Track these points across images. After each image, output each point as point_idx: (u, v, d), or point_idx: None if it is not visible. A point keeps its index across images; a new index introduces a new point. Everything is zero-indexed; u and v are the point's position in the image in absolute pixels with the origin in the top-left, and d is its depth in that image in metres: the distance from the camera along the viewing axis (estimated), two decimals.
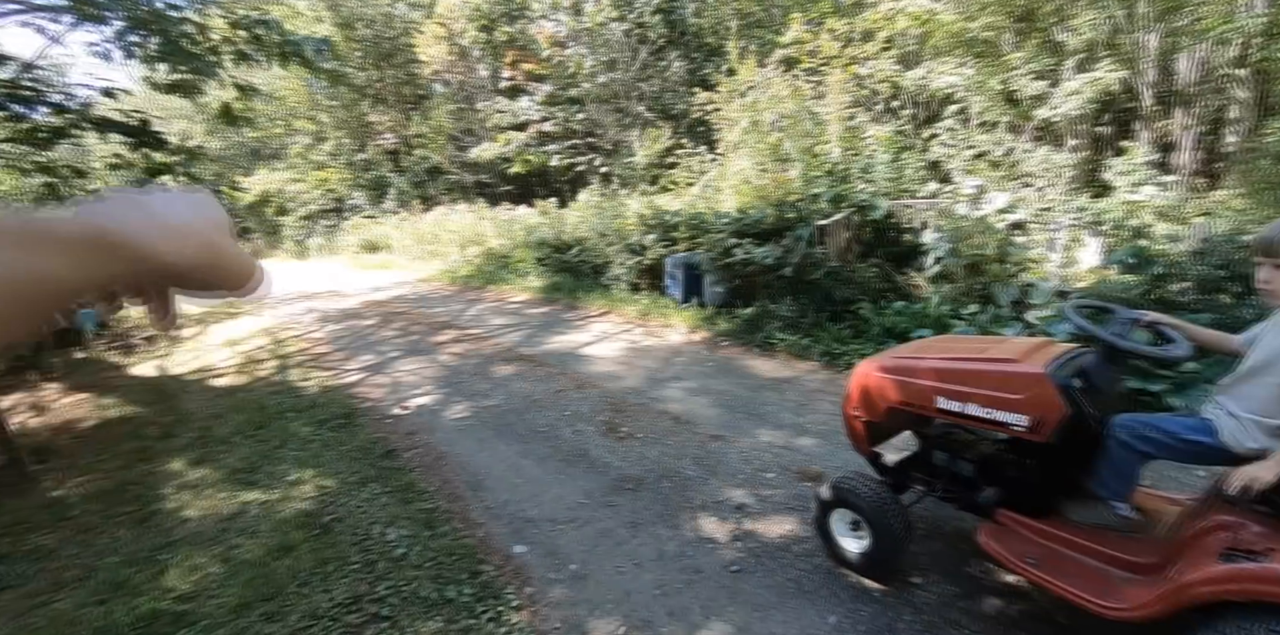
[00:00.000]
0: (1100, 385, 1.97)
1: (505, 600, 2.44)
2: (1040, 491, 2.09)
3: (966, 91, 9.53)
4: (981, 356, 2.14)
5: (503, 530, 2.99)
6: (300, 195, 23.24)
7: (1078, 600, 1.78)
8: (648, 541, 2.82)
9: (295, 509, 3.27)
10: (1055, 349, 2.11)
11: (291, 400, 5.15)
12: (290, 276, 16.09)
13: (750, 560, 2.63)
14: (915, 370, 2.24)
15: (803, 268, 6.48)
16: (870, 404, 2.39)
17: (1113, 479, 1.94)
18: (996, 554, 2.01)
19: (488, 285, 11.01)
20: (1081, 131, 9.57)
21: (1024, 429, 1.95)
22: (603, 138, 16.52)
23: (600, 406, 4.60)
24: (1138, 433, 1.86)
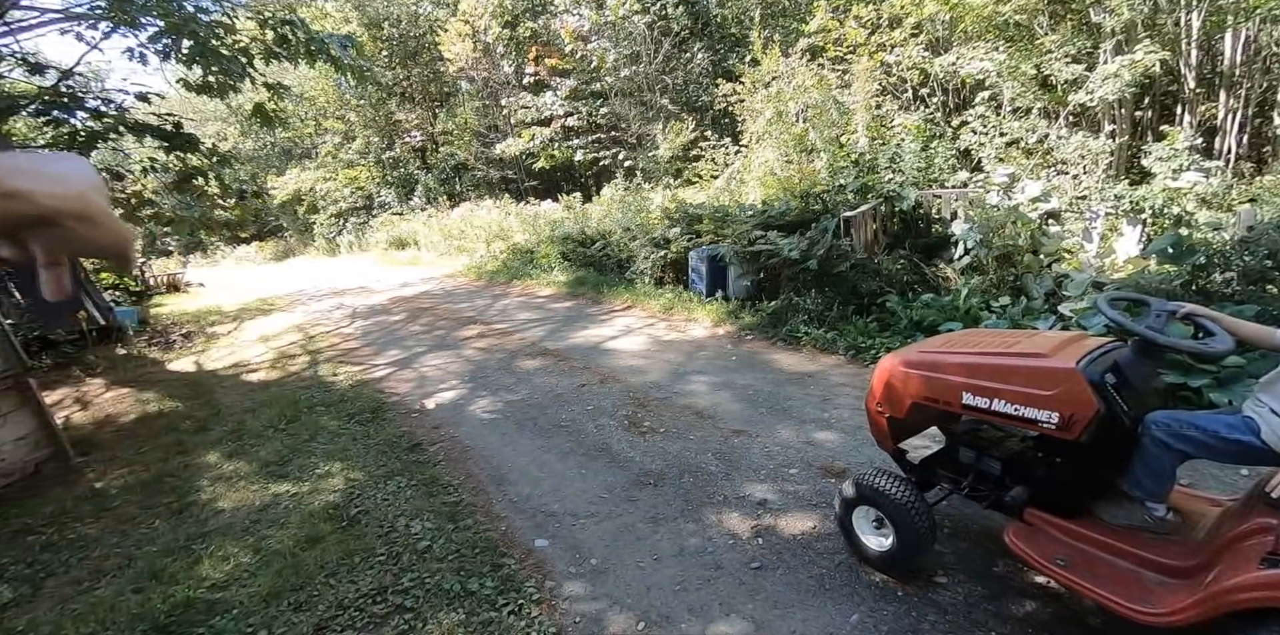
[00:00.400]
0: (1135, 381, 1.89)
1: (526, 594, 2.46)
2: (1071, 491, 2.02)
3: (998, 77, 9.27)
4: (1010, 351, 2.07)
5: (525, 524, 3.02)
6: (331, 193, 23.69)
7: (1109, 604, 1.72)
8: (668, 537, 2.82)
9: (324, 501, 3.34)
10: (1088, 343, 2.04)
11: (321, 395, 5.26)
12: (321, 273, 16.42)
13: (772, 557, 2.61)
14: (940, 365, 2.18)
15: (828, 260, 6.39)
16: (894, 399, 2.33)
17: (1148, 479, 1.87)
18: (1024, 555, 1.96)
19: (513, 280, 11.09)
20: (1120, 116, 9.26)
21: (1054, 426, 1.88)
22: (627, 131, 16.48)
23: (623, 401, 4.61)
24: (1174, 431, 1.79)
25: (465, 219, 16.07)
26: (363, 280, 13.78)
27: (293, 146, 27.33)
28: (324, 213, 24.29)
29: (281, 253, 26.61)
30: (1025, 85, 9.18)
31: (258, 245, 27.74)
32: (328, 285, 13.56)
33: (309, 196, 24.59)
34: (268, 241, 28.12)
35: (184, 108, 25.87)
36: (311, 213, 25.16)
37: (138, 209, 6.71)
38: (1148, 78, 8.51)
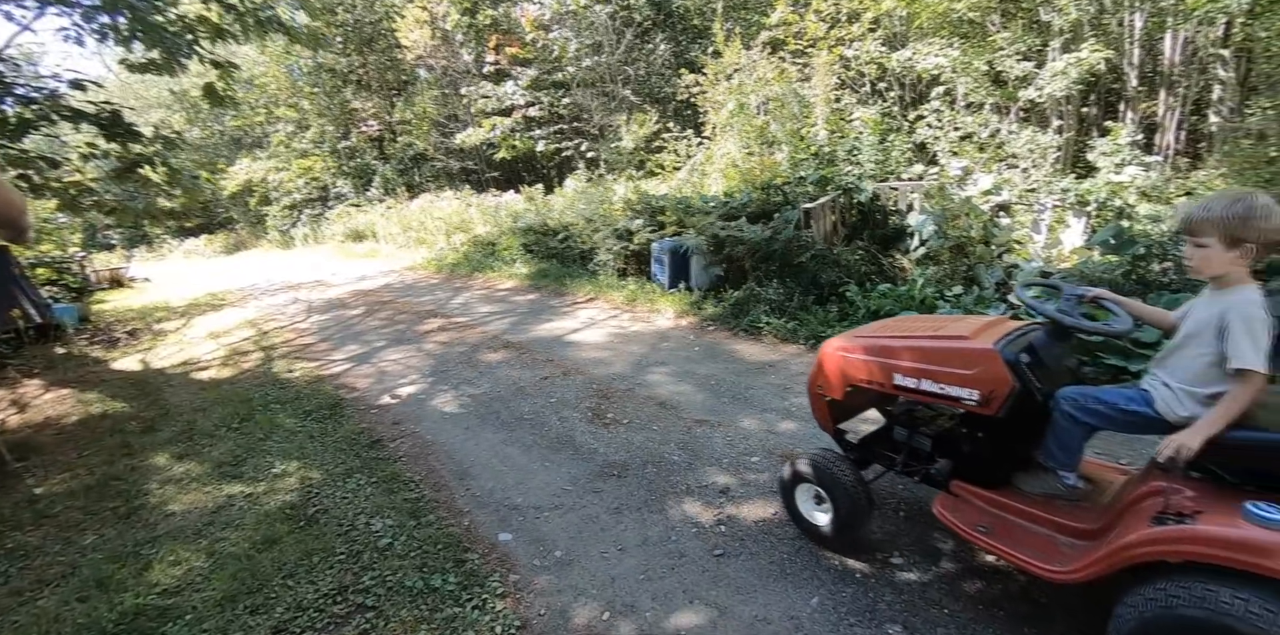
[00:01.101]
0: (1047, 360, 2.02)
1: (490, 588, 2.45)
2: (992, 463, 2.17)
3: (953, 73, 9.48)
4: (936, 334, 2.21)
5: (488, 518, 3.00)
6: (284, 184, 22.94)
7: (1026, 565, 1.84)
8: (632, 527, 2.84)
9: (280, 501, 3.26)
10: (1007, 326, 2.19)
11: (276, 392, 5.12)
12: (275, 267, 15.95)
13: (734, 543, 2.65)
14: (874, 348, 2.32)
15: (789, 251, 6.48)
16: (833, 382, 2.47)
17: (1059, 450, 2.00)
18: (951, 524, 2.09)
19: (474, 273, 10.95)
20: (1067, 112, 9.58)
21: (975, 403, 2.02)
22: (589, 122, 16.36)
23: (586, 393, 4.60)
24: (1082, 405, 1.91)
25: (425, 210, 15.77)
26: (319, 274, 13.43)
27: (242, 135, 26.37)
28: (277, 204, 23.53)
29: (232, 246, 25.73)
30: (978, 81, 9.41)
31: (206, 238, 26.76)
32: (282, 279, 13.17)
33: (261, 187, 23.78)
34: (217, 234, 27.15)
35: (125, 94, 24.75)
36: (264, 204, 24.35)
37: (77, 198, 6.39)
38: (1093, 76, 8.81)
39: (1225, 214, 1.66)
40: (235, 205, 25.90)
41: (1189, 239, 1.77)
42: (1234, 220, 1.65)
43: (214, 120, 26.13)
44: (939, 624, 2.11)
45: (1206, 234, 1.70)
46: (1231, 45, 8.46)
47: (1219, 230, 1.68)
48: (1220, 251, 1.69)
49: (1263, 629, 1.36)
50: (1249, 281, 1.73)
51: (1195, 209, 1.73)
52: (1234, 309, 1.67)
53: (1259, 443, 1.59)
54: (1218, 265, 1.72)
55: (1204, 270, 1.75)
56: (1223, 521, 1.48)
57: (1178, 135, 9.29)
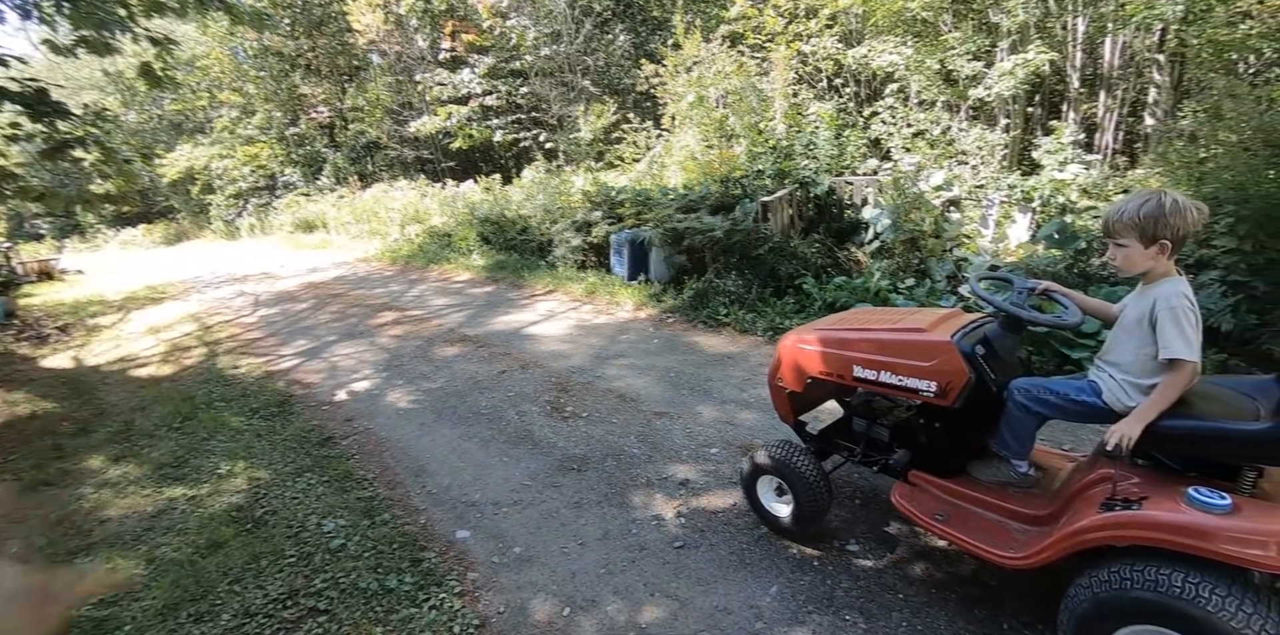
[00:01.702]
0: (1001, 352, 2.09)
1: (448, 587, 2.40)
2: (948, 453, 2.23)
3: (906, 70, 9.67)
4: (895, 327, 2.25)
5: (445, 516, 2.94)
6: (229, 172, 21.98)
7: (980, 552, 1.90)
8: (592, 521, 2.82)
9: (226, 503, 3.14)
10: (962, 319, 2.24)
11: (221, 389, 4.92)
12: (220, 258, 15.33)
13: (694, 535, 2.66)
14: (834, 341, 2.36)
15: (748, 243, 6.53)
16: (793, 374, 2.50)
17: (1012, 439, 2.06)
18: (909, 512, 2.14)
19: (430, 265, 10.72)
20: (1014, 111, 9.87)
21: (933, 394, 2.07)
22: (547, 112, 16.15)
23: (545, 386, 4.56)
24: (1034, 395, 1.98)
25: (378, 200, 15.35)
26: (266, 265, 12.96)
27: (183, 120, 25.12)
28: (221, 193, 22.56)
29: (173, 236, 24.59)
30: (930, 79, 9.62)
31: (145, 228, 25.49)
32: (227, 271, 12.67)
33: (203, 175, 22.75)
34: (157, 224, 25.88)
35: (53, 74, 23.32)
36: (207, 193, 23.31)
37: None
38: (1038, 77, 9.09)
39: (1138, 214, 1.73)
40: (176, 193, 24.73)
41: (1110, 241, 1.84)
42: (1147, 219, 1.72)
43: (152, 104, 24.82)
44: (894, 608, 2.16)
45: (1124, 235, 1.78)
46: (1166, 51, 8.84)
47: (1134, 230, 1.75)
48: (1139, 250, 1.77)
49: (1210, 611, 1.42)
50: (1174, 275, 1.80)
51: (1110, 212, 1.82)
52: (1161, 301, 1.74)
53: (1197, 430, 1.65)
54: (1139, 263, 1.79)
55: (1128, 269, 1.83)
56: (1167, 507, 1.53)
57: (1116, 135, 9.68)
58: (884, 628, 2.08)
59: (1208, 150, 5.31)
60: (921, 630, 2.06)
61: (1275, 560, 1.38)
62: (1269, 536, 1.39)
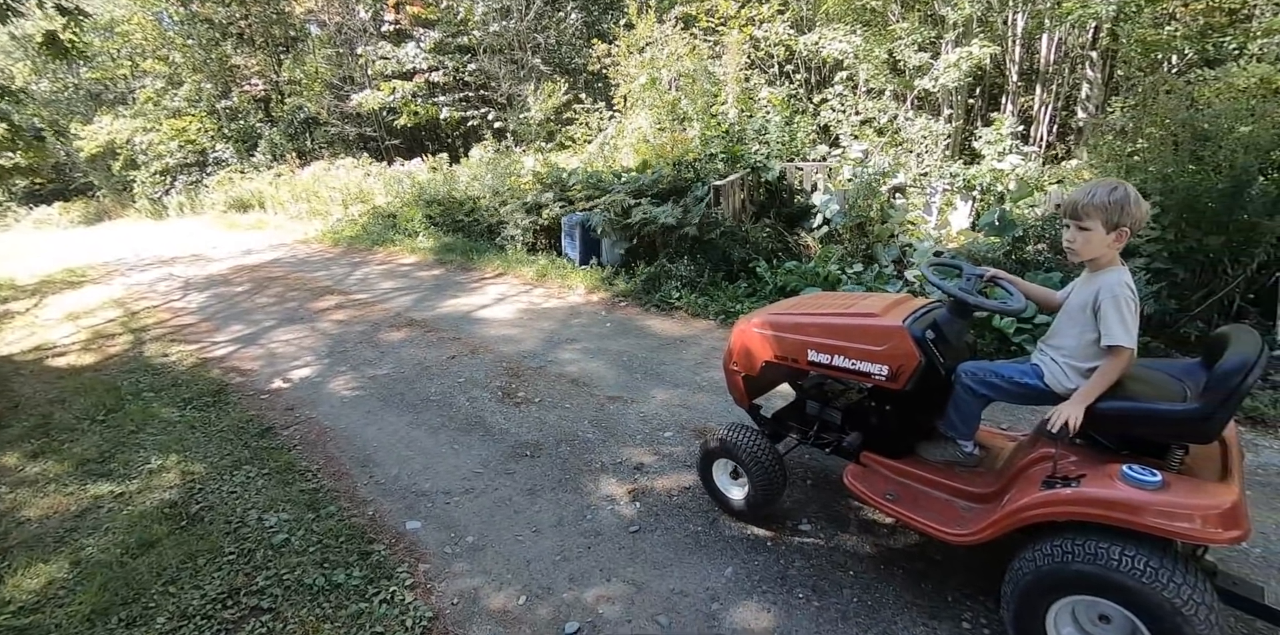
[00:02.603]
0: (950, 336, 2.16)
1: (399, 580, 2.35)
2: (898, 434, 2.29)
3: (855, 59, 9.79)
4: (847, 312, 2.29)
5: (394, 506, 2.87)
6: (154, 146, 20.60)
7: (928, 529, 1.97)
8: (547, 507, 2.80)
9: (157, 500, 2.98)
10: (913, 304, 2.30)
11: (150, 379, 4.66)
12: (146, 239, 14.47)
13: (649, 519, 2.68)
14: (788, 326, 2.39)
15: (701, 228, 6.54)
16: (748, 359, 2.54)
17: (959, 420, 2.13)
18: (860, 492, 2.20)
19: (374, 246, 10.37)
20: (956, 102, 10.14)
21: (884, 378, 2.12)
22: (496, 91, 15.73)
23: (496, 371, 4.49)
24: (980, 378, 2.05)
25: (319, 179, 14.70)
26: (197, 247, 12.30)
27: (103, 90, 23.41)
28: (146, 169, 21.16)
29: (93, 215, 23.02)
30: (878, 69, 9.78)
31: (61, 206, 23.78)
32: (154, 253, 11.97)
33: (126, 149, 21.31)
34: (75, 202, 24.19)
35: None
36: (130, 169, 21.86)
37: None
38: (980, 69, 9.36)
39: (1108, 200, 1.78)
40: (95, 169, 23.11)
41: (1073, 223, 1.86)
42: (1114, 206, 1.77)
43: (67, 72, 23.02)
44: (844, 585, 2.22)
45: (1091, 218, 1.81)
46: (1099, 48, 9.21)
47: (1102, 215, 1.79)
48: (1101, 235, 1.81)
49: (1144, 582, 1.50)
50: (1119, 264, 1.87)
51: (1080, 195, 1.84)
52: (1105, 289, 1.80)
53: (1131, 411, 1.74)
54: (1097, 248, 1.84)
55: (1085, 253, 1.86)
56: (1103, 484, 1.61)
57: (1050, 128, 10.07)
58: (835, 604, 2.14)
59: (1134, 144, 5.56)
60: (871, 605, 2.12)
61: (1201, 532, 1.48)
62: (1195, 510, 1.49)
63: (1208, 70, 6.82)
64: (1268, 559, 2.24)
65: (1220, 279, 4.29)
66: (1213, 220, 4.17)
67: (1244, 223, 4.06)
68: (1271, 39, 7.66)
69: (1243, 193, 4.06)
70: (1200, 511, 1.49)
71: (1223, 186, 4.07)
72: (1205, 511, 1.48)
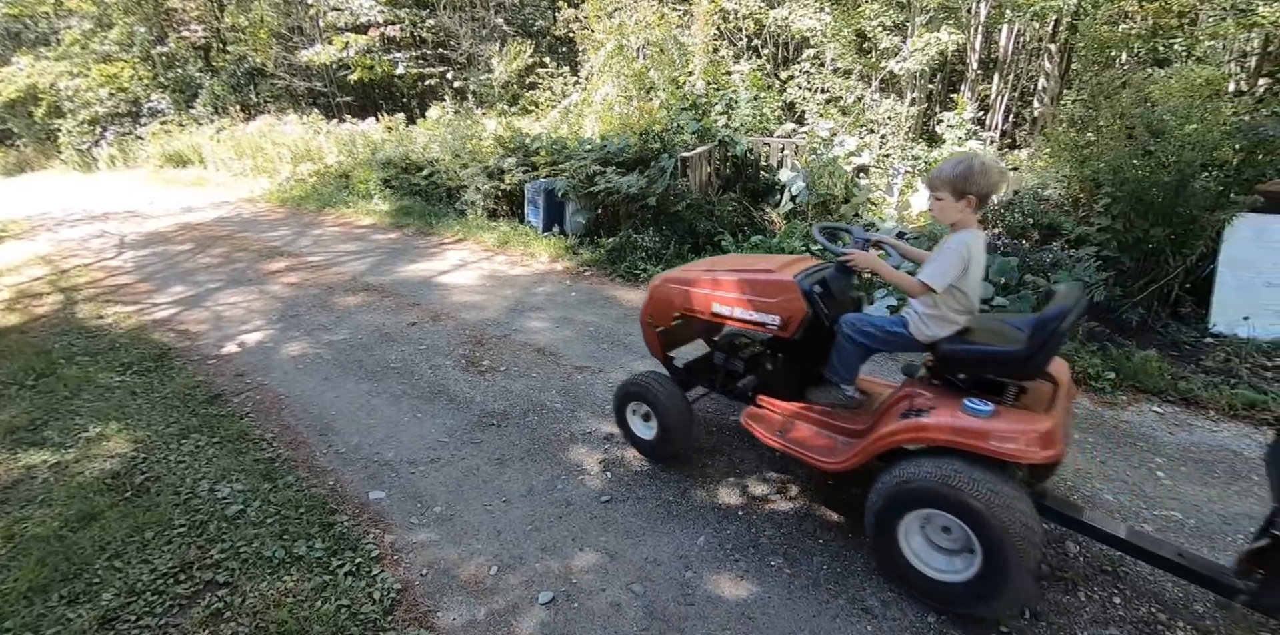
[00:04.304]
0: (835, 291, 2.42)
1: (364, 551, 2.28)
2: (788, 379, 2.56)
3: (823, 37, 9.73)
4: (749, 268, 2.56)
5: (356, 476, 2.78)
6: (82, 93, 19.05)
7: (808, 459, 2.25)
8: (516, 477, 2.76)
9: (98, 470, 2.81)
10: (807, 263, 2.57)
11: (84, 342, 4.37)
12: (74, 193, 13.51)
13: (620, 489, 2.67)
14: (696, 281, 2.64)
15: (666, 199, 6.46)
16: (661, 312, 2.77)
17: (841, 366, 2.37)
18: (753, 430, 2.45)
19: (325, 208, 9.92)
20: (919, 86, 10.24)
21: (776, 327, 2.39)
22: (456, 49, 15.10)
23: (459, 339, 4.38)
24: (858, 328, 2.28)
25: (265, 135, 13.90)
26: (132, 203, 11.56)
27: (21, 29, 21.46)
28: (72, 117, 19.60)
29: (13, 166, 21.34)
30: (845, 48, 9.76)
31: None
32: (83, 208, 11.20)
33: (49, 95, 19.68)
34: None
35: None
36: (54, 117, 20.21)
37: None
38: (942, 56, 9.43)
39: (952, 173, 2.01)
40: (15, 116, 21.33)
41: (931, 194, 2.10)
42: (958, 178, 2.00)
43: None
44: (814, 553, 2.27)
45: (941, 189, 2.05)
46: (1058, 42, 9.39)
47: (948, 186, 2.02)
48: (951, 202, 2.04)
49: (973, 496, 1.76)
50: (973, 227, 2.08)
51: (934, 171, 2.09)
52: (945, 243, 2.06)
53: (974, 353, 2.04)
54: (951, 214, 2.07)
55: (942, 219, 2.12)
56: (946, 413, 1.89)
57: (1005, 117, 10.29)
58: (806, 571, 2.18)
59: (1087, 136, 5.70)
60: (840, 572, 2.17)
61: (1020, 452, 1.74)
62: (1017, 434, 1.77)
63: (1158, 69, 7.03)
64: (1200, 529, 2.38)
65: (1162, 269, 4.48)
66: (1158, 212, 4.33)
67: (1186, 216, 4.25)
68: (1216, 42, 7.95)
69: (1186, 187, 4.22)
70: (1021, 435, 1.76)
71: (1168, 181, 4.22)
72: (1025, 435, 1.76)
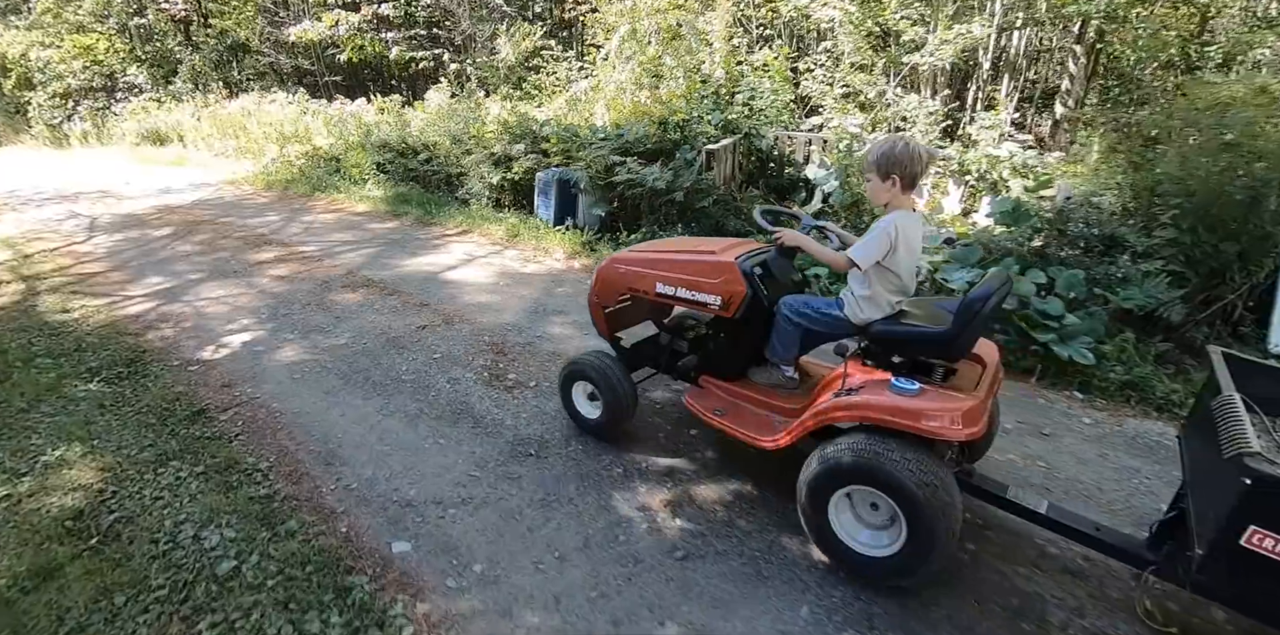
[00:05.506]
0: (776, 274, 2.51)
1: (393, 625, 1.82)
2: (730, 359, 2.60)
3: (840, 26, 9.29)
4: (692, 250, 2.59)
5: (374, 521, 2.31)
6: (54, 65, 18.07)
7: (745, 437, 2.28)
8: (567, 524, 2.31)
9: (58, 507, 2.31)
10: (750, 245, 2.61)
11: (46, 341, 3.82)
12: (43, 171, 12.71)
13: (695, 541, 2.23)
14: (642, 262, 2.67)
15: (691, 194, 6.02)
16: (607, 292, 2.79)
17: (780, 347, 2.42)
18: (695, 409, 2.49)
19: (316, 193, 9.32)
20: (939, 83, 9.86)
21: (718, 307, 2.42)
22: (453, 31, 14.46)
23: (477, 347, 3.91)
24: (796, 309, 2.32)
25: (250, 113, 13.21)
26: (106, 182, 10.83)
27: None
28: (43, 90, 18.60)
29: None
30: (865, 41, 9.34)
31: None
32: (53, 186, 10.47)
33: (18, 65, 18.66)
34: None
35: None
36: (24, 89, 19.19)
37: None
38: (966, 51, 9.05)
39: (875, 155, 2.10)
40: None
41: (863, 175, 2.20)
42: (881, 159, 2.08)
43: None
44: (940, 626, 1.86)
45: (869, 171, 2.14)
46: (1084, 43, 9.05)
47: (874, 168, 2.10)
48: (878, 183, 2.12)
49: (896, 473, 1.79)
50: (905, 207, 2.13)
51: (869, 150, 2.16)
52: (876, 222, 2.11)
53: (898, 333, 2.12)
54: (880, 195, 2.14)
55: (873, 199, 2.21)
56: (874, 392, 1.94)
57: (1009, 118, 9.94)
58: None
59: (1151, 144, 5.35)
60: None
61: (943, 429, 1.78)
62: (940, 412, 1.81)
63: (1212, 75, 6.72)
64: None
65: (1228, 285, 4.22)
66: (1228, 227, 4.09)
67: (1259, 232, 4.02)
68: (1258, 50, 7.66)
69: (1261, 203, 3.99)
70: (944, 414, 1.80)
71: (1240, 197, 3.99)
72: (948, 414, 1.80)
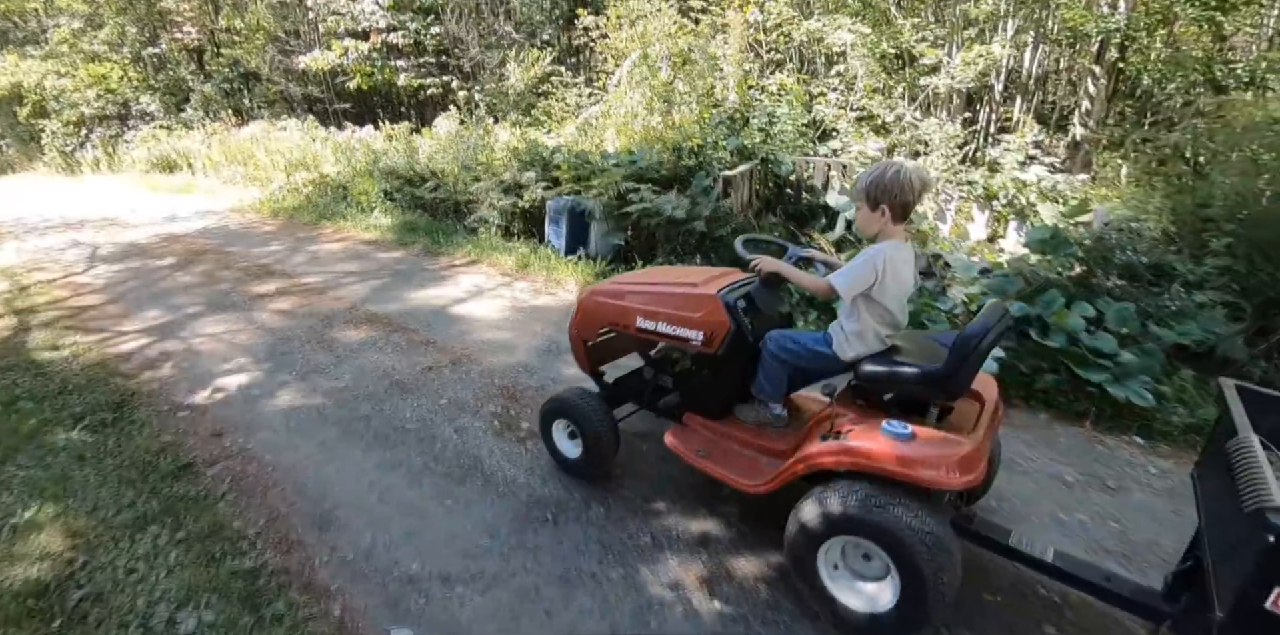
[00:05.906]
0: (761, 306, 2.38)
1: None
2: (715, 396, 2.47)
3: (853, 49, 9.20)
4: (673, 282, 2.49)
5: (371, 601, 2.04)
6: (69, 94, 18.27)
7: (727, 480, 2.16)
8: (593, 607, 2.03)
9: (22, 580, 2.05)
10: (733, 277, 2.48)
11: (30, 381, 3.60)
12: (52, 197, 12.70)
13: (738, 627, 1.95)
14: (622, 294, 2.57)
15: (710, 223, 5.82)
16: (589, 325, 2.69)
17: (767, 383, 2.29)
18: (676, 449, 2.35)
19: (322, 221, 9.19)
20: (955, 107, 9.72)
21: (700, 343, 2.30)
22: (461, 57, 14.51)
23: (487, 391, 3.65)
24: (782, 345, 2.21)
25: (259, 141, 13.22)
26: (113, 209, 10.75)
27: (10, 27, 20.70)
28: (58, 118, 18.77)
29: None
30: (879, 64, 9.24)
31: None
32: (59, 214, 10.39)
33: (34, 95, 18.88)
34: None
35: None
36: (39, 117, 19.38)
37: None
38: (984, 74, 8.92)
39: (864, 183, 2.01)
40: None
41: (857, 205, 2.07)
42: (870, 187, 1.98)
43: None
44: None
45: (858, 200, 2.05)
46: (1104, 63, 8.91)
47: (863, 196, 2.02)
48: (867, 212, 2.02)
49: (890, 524, 1.66)
50: (893, 237, 2.01)
51: (858, 178, 2.06)
52: (864, 251, 2.00)
53: (889, 372, 1.95)
54: (870, 224, 2.04)
55: (863, 230, 2.10)
56: (864, 436, 1.80)
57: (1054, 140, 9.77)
58: None
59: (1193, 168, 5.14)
60: None
61: (938, 478, 1.64)
62: (935, 459, 1.67)
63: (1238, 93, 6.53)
64: None
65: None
66: None
67: None
68: None
69: None
70: (939, 461, 1.67)
71: None
72: (943, 460, 1.66)
